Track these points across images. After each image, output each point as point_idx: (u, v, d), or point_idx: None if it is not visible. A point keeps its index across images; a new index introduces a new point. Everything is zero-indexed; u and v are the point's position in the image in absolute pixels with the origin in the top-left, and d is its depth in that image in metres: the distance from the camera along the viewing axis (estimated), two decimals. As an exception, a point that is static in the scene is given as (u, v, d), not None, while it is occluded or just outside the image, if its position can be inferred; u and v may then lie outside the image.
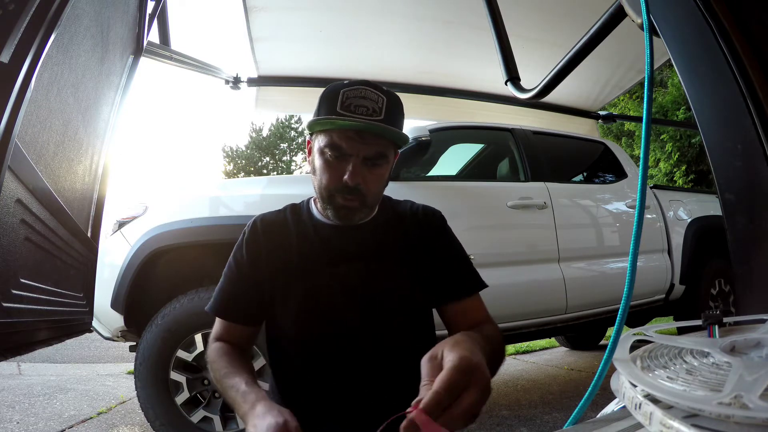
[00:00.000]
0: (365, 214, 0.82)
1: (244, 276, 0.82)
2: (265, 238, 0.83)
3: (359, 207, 0.78)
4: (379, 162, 0.77)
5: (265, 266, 0.81)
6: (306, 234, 0.83)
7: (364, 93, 0.75)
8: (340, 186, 0.75)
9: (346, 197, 0.76)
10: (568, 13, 2.29)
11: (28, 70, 0.59)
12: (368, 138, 0.74)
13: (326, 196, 0.78)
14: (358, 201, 0.77)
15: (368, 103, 0.74)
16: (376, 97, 0.75)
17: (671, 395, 0.32)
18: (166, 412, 1.72)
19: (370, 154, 0.76)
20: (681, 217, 2.87)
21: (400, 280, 0.81)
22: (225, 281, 0.84)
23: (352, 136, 0.74)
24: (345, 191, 0.76)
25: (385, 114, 0.75)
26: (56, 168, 0.92)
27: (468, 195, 2.29)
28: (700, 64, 0.70)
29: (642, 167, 0.55)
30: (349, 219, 0.79)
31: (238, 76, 2.73)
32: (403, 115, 0.82)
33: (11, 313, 0.70)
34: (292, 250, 0.82)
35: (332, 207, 0.78)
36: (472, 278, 0.85)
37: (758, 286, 0.65)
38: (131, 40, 1.43)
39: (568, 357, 3.73)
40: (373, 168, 0.77)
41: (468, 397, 0.45)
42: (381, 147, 0.76)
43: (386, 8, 2.34)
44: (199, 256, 1.89)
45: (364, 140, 0.74)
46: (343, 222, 0.80)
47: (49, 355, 3.71)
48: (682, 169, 8.58)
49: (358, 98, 0.74)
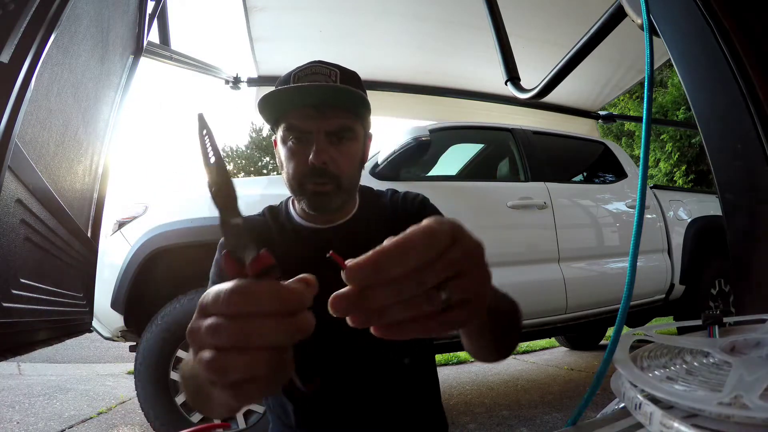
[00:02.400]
0: (342, 199, 0.74)
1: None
2: None
3: (334, 190, 0.72)
4: (346, 136, 0.72)
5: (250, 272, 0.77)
6: (286, 237, 0.78)
7: (315, 69, 0.71)
8: (307, 170, 0.70)
9: (316, 182, 0.70)
10: (568, 13, 2.29)
11: (28, 70, 0.60)
12: (327, 112, 0.69)
13: (297, 185, 0.72)
14: (332, 184, 0.71)
15: (320, 77, 0.70)
16: (327, 71, 0.71)
17: (671, 395, 0.32)
18: (166, 412, 1.72)
19: (332, 128, 0.70)
20: (681, 217, 2.87)
21: None
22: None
23: (309, 112, 0.69)
24: (314, 175, 0.70)
25: (340, 83, 0.71)
26: (56, 168, 0.92)
27: (468, 195, 2.29)
28: (700, 64, 0.70)
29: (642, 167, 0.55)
30: (325, 206, 0.73)
31: (238, 76, 2.73)
32: (362, 88, 0.75)
33: (11, 313, 0.70)
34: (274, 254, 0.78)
35: (305, 196, 0.72)
36: None
37: (758, 286, 0.65)
38: (131, 40, 1.43)
39: (568, 357, 3.73)
40: (340, 145, 0.71)
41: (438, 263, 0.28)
42: (342, 119, 0.71)
43: (386, 8, 2.34)
44: (199, 256, 1.88)
45: (322, 114, 0.69)
46: (319, 212, 0.74)
47: (49, 355, 3.70)
48: (682, 169, 8.58)
49: (309, 75, 0.71)
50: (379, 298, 0.28)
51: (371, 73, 2.83)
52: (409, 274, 0.28)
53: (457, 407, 2.31)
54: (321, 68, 0.72)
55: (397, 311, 0.28)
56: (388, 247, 0.27)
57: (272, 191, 2.05)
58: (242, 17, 2.32)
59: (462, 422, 2.11)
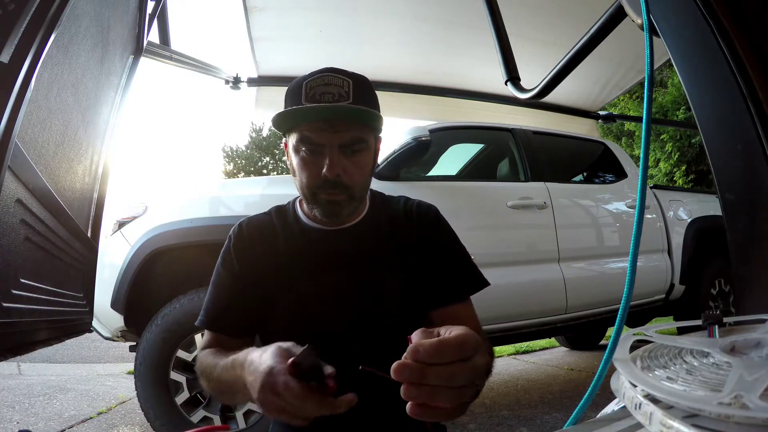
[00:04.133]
0: (354, 207, 0.76)
1: (237, 283, 0.76)
2: (252, 243, 0.78)
3: (347, 200, 0.74)
4: (358, 148, 0.73)
5: (254, 272, 0.76)
6: (293, 238, 0.79)
7: (327, 80, 0.71)
8: (321, 182, 0.71)
9: (329, 192, 0.72)
10: (568, 13, 2.29)
11: (28, 70, 0.60)
12: (339, 125, 0.70)
13: (309, 195, 0.74)
14: (344, 194, 0.73)
15: (333, 89, 0.70)
16: (340, 81, 0.71)
17: (671, 395, 0.32)
18: (166, 412, 1.72)
19: (345, 141, 0.71)
20: (681, 217, 2.87)
21: (392, 287, 0.76)
22: (215, 291, 0.77)
23: (322, 126, 0.70)
24: (327, 186, 0.71)
25: (353, 97, 0.70)
26: (56, 168, 0.92)
27: (468, 195, 2.29)
28: (700, 64, 0.70)
29: (642, 167, 0.55)
30: (337, 214, 0.74)
31: (238, 76, 2.73)
32: (375, 96, 0.76)
33: (11, 313, 0.70)
34: (279, 255, 0.77)
35: (318, 205, 0.74)
36: (466, 282, 0.80)
37: (758, 286, 0.65)
38: (131, 40, 1.43)
39: (568, 357, 3.73)
40: (353, 156, 0.72)
41: (476, 362, 0.41)
42: (355, 132, 0.72)
43: (386, 8, 2.34)
44: (199, 256, 1.88)
45: (335, 128, 0.70)
46: (331, 219, 0.75)
47: (49, 355, 3.71)
48: (682, 169, 8.58)
49: (321, 86, 0.70)
50: (434, 378, 0.38)
51: (371, 73, 2.79)
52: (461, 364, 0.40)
53: (457, 407, 2.31)
54: (333, 78, 0.71)
55: (444, 394, 0.39)
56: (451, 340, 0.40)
57: (272, 191, 2.05)
58: (242, 17, 2.32)
59: (462, 422, 2.11)
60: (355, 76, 0.73)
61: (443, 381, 0.38)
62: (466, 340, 0.40)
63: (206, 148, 45.02)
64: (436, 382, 0.38)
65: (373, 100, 0.75)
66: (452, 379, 0.38)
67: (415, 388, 0.38)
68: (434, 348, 0.38)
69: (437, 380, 0.38)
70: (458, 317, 0.77)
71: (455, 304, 0.78)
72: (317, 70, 0.72)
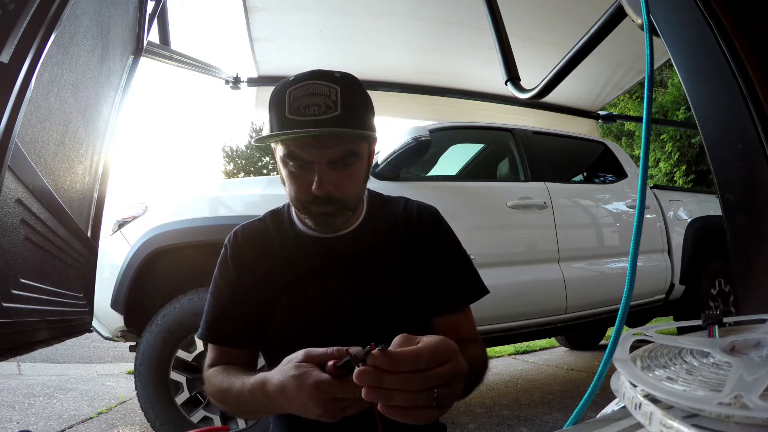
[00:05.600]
0: (347, 216, 0.73)
1: (235, 294, 0.74)
2: (248, 251, 0.76)
3: (339, 211, 0.71)
4: (349, 161, 0.68)
5: (251, 281, 0.74)
6: (288, 245, 0.76)
7: (312, 89, 0.64)
8: (311, 197, 0.68)
9: (321, 206, 0.69)
10: (568, 13, 2.29)
11: (28, 70, 0.60)
12: (328, 141, 0.65)
13: (301, 207, 0.71)
14: (336, 207, 0.70)
15: (319, 99, 0.64)
16: (326, 90, 0.65)
17: (671, 395, 0.32)
18: (166, 412, 1.72)
19: (335, 157, 0.67)
20: (681, 217, 2.87)
21: (389, 292, 0.74)
22: (214, 303, 0.75)
23: (310, 141, 0.65)
24: (318, 202, 0.68)
25: (341, 108, 0.64)
26: (56, 168, 0.92)
27: (468, 195, 2.29)
28: (700, 64, 0.70)
29: (642, 167, 0.55)
30: (330, 225, 0.72)
31: (238, 76, 2.73)
32: (365, 98, 0.71)
33: (11, 313, 0.70)
34: (276, 263, 0.75)
35: (310, 216, 0.71)
36: (465, 292, 0.78)
37: (758, 286, 0.65)
38: (131, 40, 1.43)
39: (568, 357, 3.73)
40: (344, 169, 0.68)
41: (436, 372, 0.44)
42: (345, 146, 0.67)
43: (386, 8, 2.34)
44: (199, 256, 1.89)
45: (324, 144, 0.65)
46: (324, 230, 0.73)
47: (49, 355, 3.71)
48: (682, 169, 8.58)
49: (306, 96, 0.64)
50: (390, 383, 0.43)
51: (371, 73, 2.82)
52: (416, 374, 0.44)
53: (457, 407, 2.31)
54: (319, 86, 0.65)
55: (399, 397, 0.43)
56: (407, 353, 0.44)
57: (272, 191, 2.05)
58: (242, 17, 2.32)
59: (462, 422, 2.11)
60: (343, 79, 0.68)
61: (397, 386, 0.43)
62: (422, 354, 0.44)
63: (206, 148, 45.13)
64: (391, 386, 0.43)
65: (364, 103, 0.70)
66: (407, 385, 0.43)
67: (372, 390, 0.43)
68: (389, 358, 0.43)
69: (392, 385, 0.43)
70: (455, 326, 0.75)
71: (452, 314, 0.76)
72: (302, 75, 0.67)
